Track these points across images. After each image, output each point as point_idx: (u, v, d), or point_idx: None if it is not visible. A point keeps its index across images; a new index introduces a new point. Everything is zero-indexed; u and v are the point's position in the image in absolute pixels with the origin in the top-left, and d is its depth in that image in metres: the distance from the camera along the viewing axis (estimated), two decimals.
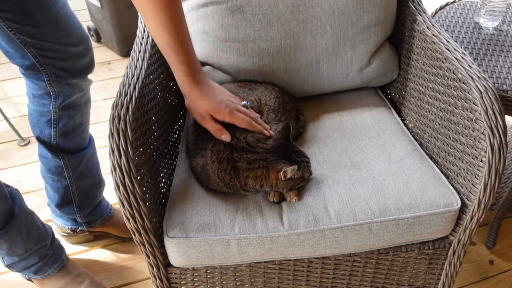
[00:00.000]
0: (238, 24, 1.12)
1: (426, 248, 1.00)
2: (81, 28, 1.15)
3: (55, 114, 1.20)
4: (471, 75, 0.93)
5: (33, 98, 1.20)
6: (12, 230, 1.12)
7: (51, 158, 1.27)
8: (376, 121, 1.16)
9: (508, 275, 1.38)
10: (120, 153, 0.83)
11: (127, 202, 0.84)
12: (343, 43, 1.15)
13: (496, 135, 0.86)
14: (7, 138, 1.94)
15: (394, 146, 1.07)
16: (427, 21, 1.11)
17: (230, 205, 0.95)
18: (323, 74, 1.18)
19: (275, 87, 1.16)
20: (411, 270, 1.04)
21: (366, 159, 1.04)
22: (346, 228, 0.91)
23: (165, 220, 0.93)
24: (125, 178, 0.83)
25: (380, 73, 1.22)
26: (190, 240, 0.90)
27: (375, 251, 0.99)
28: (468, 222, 0.94)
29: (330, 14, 1.12)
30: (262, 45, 1.13)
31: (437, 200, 0.93)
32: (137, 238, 0.89)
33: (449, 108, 0.99)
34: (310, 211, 0.92)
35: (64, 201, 1.36)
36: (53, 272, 1.28)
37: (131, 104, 0.89)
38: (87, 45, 1.17)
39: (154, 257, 0.93)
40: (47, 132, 1.23)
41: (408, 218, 0.92)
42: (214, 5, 1.11)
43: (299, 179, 0.92)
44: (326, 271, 1.02)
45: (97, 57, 2.42)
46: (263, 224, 0.91)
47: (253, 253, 0.93)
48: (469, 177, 0.92)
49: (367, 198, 0.94)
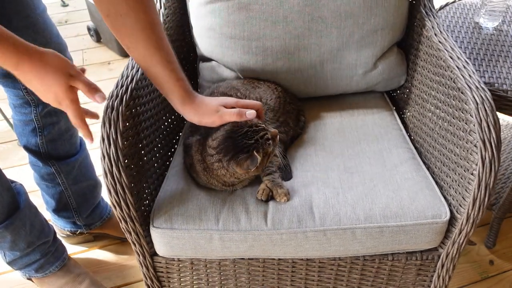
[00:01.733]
0: (244, 22, 1.13)
1: (413, 258, 0.98)
2: (59, 37, 1.13)
3: (38, 122, 1.19)
4: (470, 85, 0.90)
5: (14, 108, 1.20)
6: (17, 221, 1.13)
7: (42, 166, 1.27)
8: (377, 126, 1.14)
9: (508, 275, 1.37)
10: (110, 142, 0.86)
11: (113, 190, 0.87)
12: (348, 46, 1.14)
13: (488, 148, 0.83)
14: (7, 138, 1.94)
15: (391, 152, 1.05)
16: (436, 28, 1.09)
17: (217, 200, 0.96)
18: (326, 75, 1.17)
19: (278, 86, 1.16)
20: (398, 280, 1.03)
21: (360, 164, 1.02)
22: (329, 231, 0.91)
23: (153, 210, 0.96)
24: (113, 166, 0.86)
25: (386, 78, 1.20)
26: (174, 231, 0.92)
27: (360, 257, 0.98)
28: (457, 236, 0.91)
29: (336, 16, 1.11)
30: (266, 44, 1.13)
31: (425, 210, 0.91)
32: (123, 225, 0.92)
33: (447, 118, 0.97)
34: (295, 212, 0.93)
35: (61, 206, 1.37)
36: (54, 271, 1.28)
37: (126, 95, 0.91)
38: (65, 55, 1.13)
39: (140, 245, 0.96)
40: (33, 141, 1.23)
41: (393, 227, 0.91)
42: (221, 2, 1.12)
43: (267, 155, 0.90)
44: (311, 273, 1.02)
45: (97, 57, 2.44)
46: (246, 221, 0.92)
47: (235, 249, 0.94)
48: (460, 189, 0.90)
49: (354, 203, 0.93)
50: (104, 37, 2.52)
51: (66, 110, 0.82)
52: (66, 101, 0.80)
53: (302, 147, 1.10)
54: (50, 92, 0.79)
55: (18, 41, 0.76)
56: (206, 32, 1.17)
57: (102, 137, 0.86)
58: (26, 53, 0.76)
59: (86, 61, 2.45)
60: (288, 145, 1.10)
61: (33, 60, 0.77)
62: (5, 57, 0.75)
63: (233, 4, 1.12)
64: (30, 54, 0.77)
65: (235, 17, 1.13)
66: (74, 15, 2.85)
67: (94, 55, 2.48)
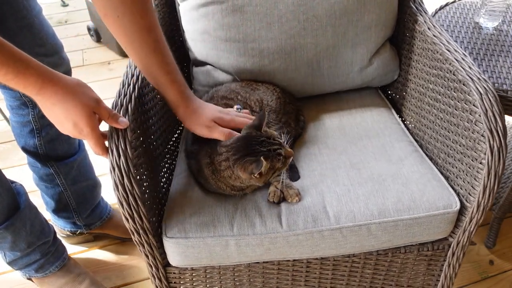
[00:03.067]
0: (239, 24, 1.12)
1: (425, 249, 0.99)
2: (55, 38, 1.13)
3: (36, 124, 1.19)
4: (471, 76, 0.92)
5: (12, 109, 1.19)
6: (17, 222, 1.12)
7: (41, 167, 1.27)
8: (376, 122, 1.16)
9: (508, 275, 1.38)
10: (119, 153, 0.83)
11: (126, 202, 0.84)
12: (343, 43, 1.15)
13: (496, 137, 0.85)
14: (7, 138, 1.93)
15: (393, 147, 1.07)
16: (428, 22, 1.11)
17: (229, 206, 0.95)
18: (323, 74, 1.18)
19: (276, 87, 1.16)
20: (410, 271, 1.04)
21: (366, 159, 1.03)
22: (345, 229, 0.91)
23: (164, 220, 0.94)
24: (124, 178, 0.83)
25: (380, 74, 1.21)
26: (188, 240, 0.91)
27: (374, 252, 0.99)
28: (468, 224, 0.94)
29: (331, 14, 1.11)
30: (262, 45, 1.13)
31: (436, 201, 0.93)
32: (136, 238, 0.89)
33: (449, 110, 0.99)
34: (309, 212, 0.93)
35: (61, 206, 1.36)
36: (54, 271, 1.28)
37: (131, 104, 0.89)
38: (60, 55, 1.14)
39: (153, 257, 0.93)
40: (31, 142, 1.22)
41: (407, 220, 0.92)
42: (214, 5, 1.11)
43: (273, 168, 0.89)
44: (325, 272, 1.02)
45: (97, 57, 2.42)
46: (261, 225, 0.92)
47: (252, 253, 0.93)
48: (469, 179, 0.92)
49: (366, 199, 0.94)
50: (104, 37, 2.50)
51: (86, 139, 0.81)
52: (87, 129, 0.79)
53: (305, 147, 1.10)
54: (70, 120, 0.78)
55: (41, 66, 0.75)
56: (200, 36, 1.15)
57: (111, 149, 0.84)
58: (49, 78, 0.75)
59: (86, 61, 2.43)
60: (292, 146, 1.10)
61: (56, 85, 0.75)
62: (28, 82, 0.73)
63: (226, 7, 1.11)
64: (53, 79, 0.75)
65: (229, 19, 1.12)
66: (74, 15, 2.83)
67: (94, 55, 2.47)
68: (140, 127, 0.92)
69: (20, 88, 0.74)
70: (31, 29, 1.04)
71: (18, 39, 1.02)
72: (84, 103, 0.78)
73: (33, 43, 1.05)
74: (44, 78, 0.74)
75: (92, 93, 0.81)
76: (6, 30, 1.00)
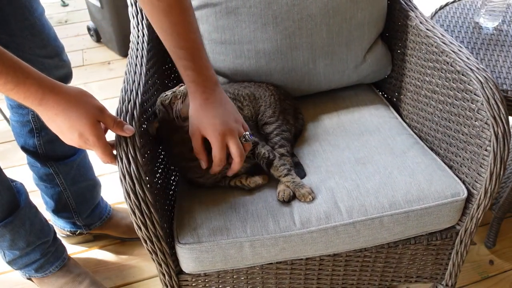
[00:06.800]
0: (234, 26, 1.11)
1: (434, 239, 1.01)
2: (57, 40, 1.12)
3: (35, 123, 1.18)
4: (470, 66, 0.95)
5: (11, 109, 1.18)
6: (17, 220, 1.11)
7: (40, 167, 1.26)
8: (375, 117, 1.17)
9: (508, 275, 1.38)
10: (129, 160, 0.81)
11: (138, 210, 0.82)
12: (338, 41, 1.16)
13: (500, 124, 0.88)
14: (7, 138, 1.91)
15: (395, 140, 1.08)
16: (420, 16, 1.13)
17: (239, 207, 0.94)
18: (319, 72, 1.18)
19: (269, 85, 1.16)
20: (419, 262, 1.06)
21: (370, 154, 1.04)
22: (358, 223, 0.92)
23: (175, 227, 0.92)
24: (136, 185, 0.81)
25: (374, 70, 1.23)
26: (202, 245, 0.89)
27: (385, 245, 1.00)
28: (475, 211, 0.96)
29: (324, 13, 1.12)
30: (258, 46, 1.13)
31: (444, 190, 0.95)
32: (149, 246, 0.87)
33: (449, 100, 1.01)
34: (321, 208, 0.93)
35: (61, 207, 1.35)
36: (54, 271, 1.26)
37: (136, 110, 0.87)
38: (61, 57, 1.14)
39: (166, 265, 0.91)
40: (31, 142, 1.22)
41: (417, 210, 0.93)
42: (208, 8, 1.11)
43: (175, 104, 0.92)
44: (337, 268, 1.02)
45: (97, 57, 2.41)
46: (275, 224, 0.91)
47: (267, 254, 0.92)
48: (474, 166, 0.94)
49: (375, 192, 0.95)
50: (104, 37, 2.46)
51: (93, 149, 0.79)
52: (93, 138, 0.76)
53: (306, 144, 1.11)
54: (74, 130, 0.75)
55: (42, 77, 0.73)
56: None
57: (120, 156, 0.82)
58: (50, 87, 0.73)
59: (86, 61, 2.40)
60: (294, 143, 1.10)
61: (58, 95, 0.73)
62: (30, 93, 0.71)
63: (220, 9, 1.11)
64: (54, 89, 0.73)
65: (224, 22, 1.11)
66: (74, 15, 2.79)
67: (94, 55, 2.45)
68: (147, 133, 0.90)
69: (21, 98, 0.72)
70: (32, 30, 1.03)
71: (19, 40, 1.02)
72: (88, 112, 0.76)
73: (34, 44, 1.04)
74: (45, 88, 0.72)
75: (95, 102, 0.79)
76: (7, 31, 1.00)
